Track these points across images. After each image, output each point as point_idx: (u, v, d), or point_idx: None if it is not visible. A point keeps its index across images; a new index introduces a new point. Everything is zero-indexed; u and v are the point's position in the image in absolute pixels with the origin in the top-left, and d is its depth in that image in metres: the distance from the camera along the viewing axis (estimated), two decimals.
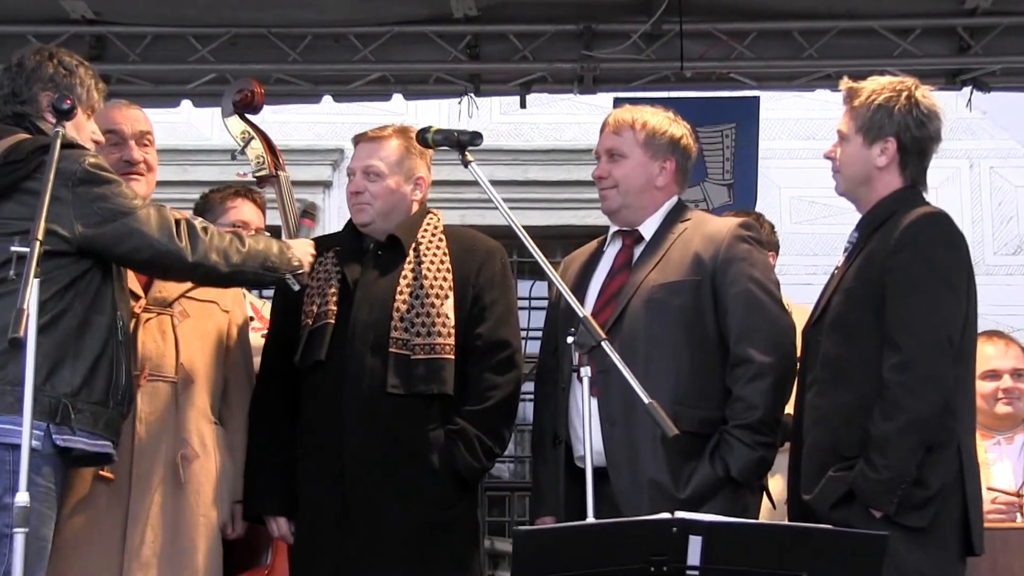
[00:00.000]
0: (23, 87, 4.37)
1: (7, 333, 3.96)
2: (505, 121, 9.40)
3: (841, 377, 4.15)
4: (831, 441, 4.12)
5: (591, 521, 3.75)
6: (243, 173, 5.65)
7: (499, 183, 9.49)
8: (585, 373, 4.02)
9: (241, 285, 4.58)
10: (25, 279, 3.64)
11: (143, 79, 6.92)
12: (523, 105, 7.17)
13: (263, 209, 5.64)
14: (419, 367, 4.54)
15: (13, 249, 3.83)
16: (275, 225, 5.56)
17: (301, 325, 4.66)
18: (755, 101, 7.33)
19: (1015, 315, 9.10)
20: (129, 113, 4.82)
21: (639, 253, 4.57)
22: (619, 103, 5.09)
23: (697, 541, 3.32)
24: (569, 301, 4.15)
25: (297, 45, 6.78)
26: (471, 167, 4.36)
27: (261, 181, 5.62)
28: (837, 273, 4.31)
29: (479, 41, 6.84)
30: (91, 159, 4.22)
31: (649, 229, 4.59)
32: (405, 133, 4.74)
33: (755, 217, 5.80)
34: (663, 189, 4.62)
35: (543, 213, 9.78)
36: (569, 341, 4.04)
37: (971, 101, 7.16)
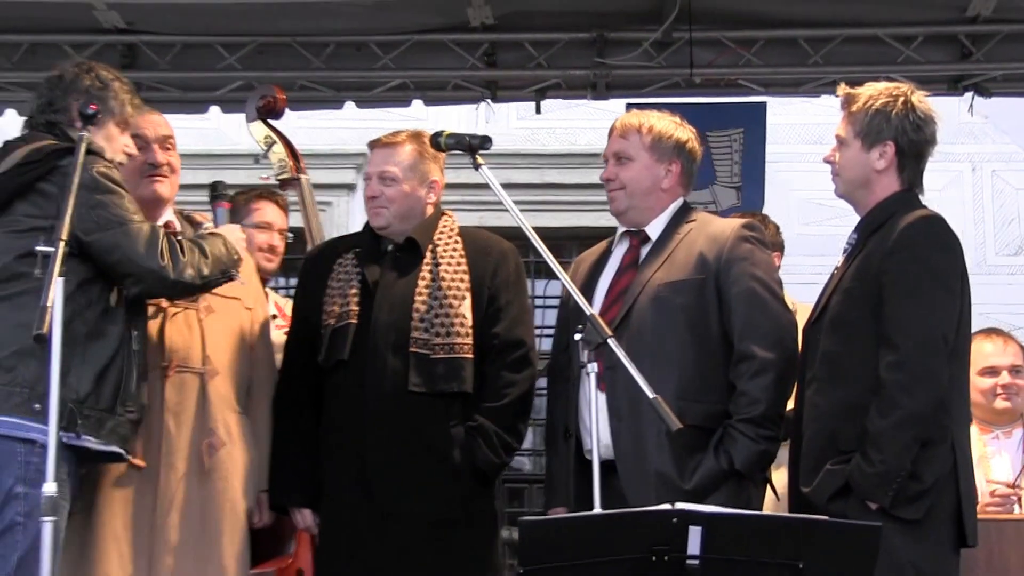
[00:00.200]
0: (59, 97, 4.40)
1: (24, 330, 3.97)
2: (521, 126, 9.40)
3: (839, 375, 4.15)
4: (829, 436, 4.12)
5: (595, 512, 3.74)
6: (266, 176, 5.68)
7: (516, 186, 9.61)
8: (592, 369, 4.03)
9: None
10: (48, 277, 3.64)
11: (173, 86, 6.93)
12: (538, 111, 7.15)
13: (285, 210, 5.67)
14: (439, 366, 4.55)
15: (38, 249, 3.84)
16: (298, 226, 5.59)
17: (323, 325, 4.66)
18: (762, 106, 7.32)
19: (1017, 313, 9.08)
20: (152, 119, 4.80)
21: (645, 253, 4.56)
22: (631, 108, 5.06)
23: (697, 531, 3.31)
24: (577, 300, 4.15)
25: (321, 53, 6.78)
26: (482, 170, 4.35)
27: (283, 184, 5.66)
28: (836, 273, 4.30)
29: (495, 49, 6.84)
30: (100, 168, 4.21)
31: (655, 230, 4.58)
32: (419, 138, 4.73)
33: (760, 218, 5.79)
34: (669, 191, 4.61)
35: (559, 215, 9.75)
36: (577, 338, 4.05)
37: (973, 106, 7.12)
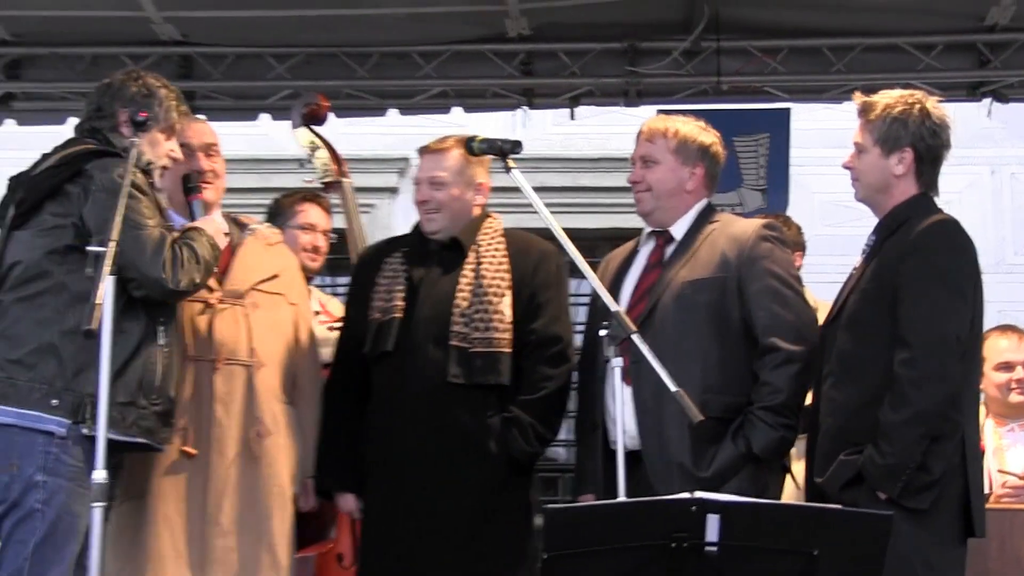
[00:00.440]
0: (107, 103, 4.39)
1: (43, 328, 4.04)
2: (556, 132, 9.39)
3: (854, 371, 4.13)
4: (843, 429, 4.10)
5: (616, 500, 3.74)
6: (310, 179, 5.70)
7: (551, 189, 9.63)
8: (617, 364, 4.04)
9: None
10: (99, 275, 3.65)
11: (226, 95, 6.95)
12: (572, 117, 7.17)
13: (329, 212, 5.67)
14: (478, 359, 4.54)
15: (89, 249, 3.85)
16: (340, 228, 5.60)
17: (370, 319, 4.67)
18: (787, 112, 7.28)
19: None
20: (196, 127, 4.81)
21: (670, 252, 4.54)
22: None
23: (715, 519, 3.29)
24: (604, 298, 4.14)
25: (365, 63, 6.79)
26: (513, 173, 4.36)
27: (327, 187, 5.68)
28: (855, 274, 4.28)
29: (531, 58, 6.83)
30: (120, 171, 4.14)
31: (680, 230, 4.56)
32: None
33: (784, 219, 5.77)
34: (693, 192, 4.59)
35: (593, 217, 9.74)
36: (602, 334, 4.04)
37: (991, 112, 7.08)
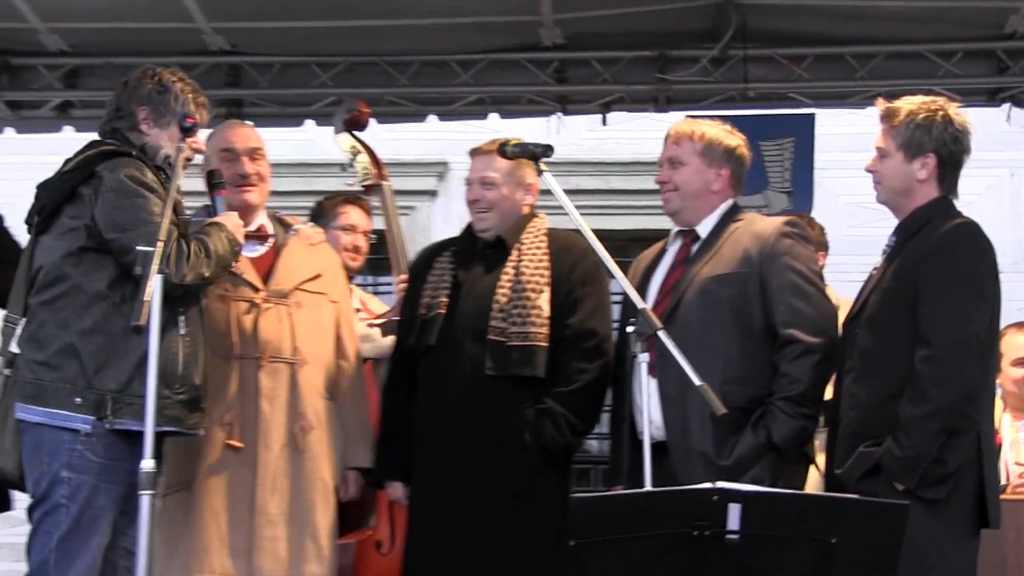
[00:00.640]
0: (124, 103, 4.33)
1: (64, 331, 4.02)
2: (589, 137, 9.37)
3: (875, 367, 4.11)
4: (863, 423, 4.09)
5: (640, 490, 3.73)
6: (352, 183, 5.71)
7: (584, 192, 9.63)
8: (643, 359, 4.05)
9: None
10: (147, 273, 3.67)
11: (272, 102, 6.97)
12: (604, 123, 7.15)
13: (369, 214, 5.69)
14: (514, 352, 4.55)
15: (138, 249, 3.87)
16: (380, 229, 5.61)
17: (418, 315, 4.70)
18: (811, 118, 7.26)
19: None
20: (241, 131, 4.83)
21: (695, 250, 4.53)
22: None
23: (736, 508, 3.28)
24: (630, 295, 4.14)
25: (405, 71, 6.80)
26: (544, 176, 4.38)
27: (367, 190, 5.68)
28: (876, 273, 4.26)
29: (565, 66, 6.83)
30: (128, 171, 4.13)
31: (705, 229, 4.55)
32: None
33: (807, 220, 5.75)
34: (719, 193, 4.57)
35: (623, 218, 9.74)
36: (629, 330, 4.04)
37: (1010, 117, 7.03)
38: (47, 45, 6.53)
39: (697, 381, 3.88)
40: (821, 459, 4.53)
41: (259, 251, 4.74)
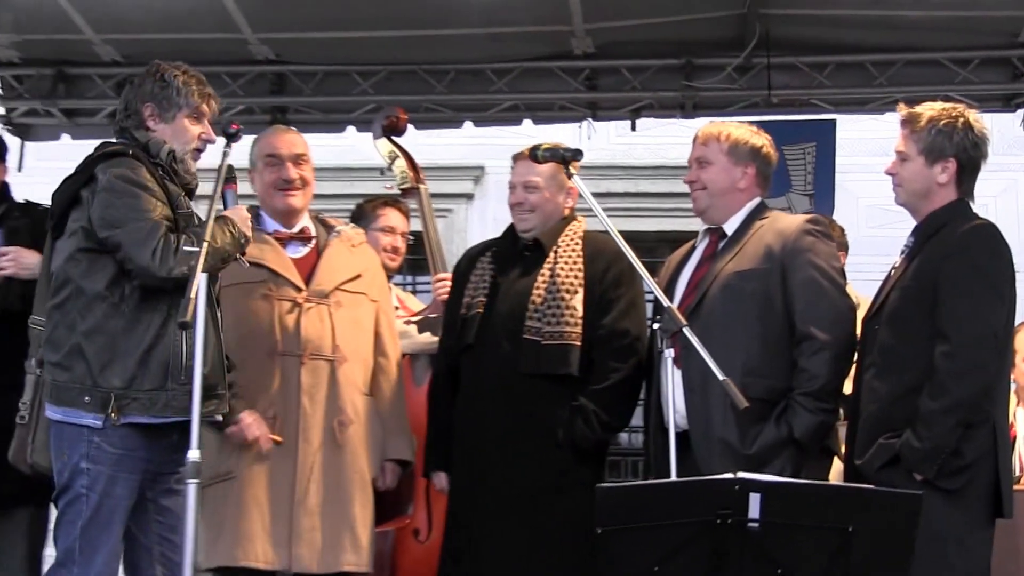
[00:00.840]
0: (131, 101, 4.23)
1: (71, 332, 3.99)
2: (619, 142, 9.33)
3: (895, 362, 4.11)
4: (883, 416, 4.09)
5: (664, 480, 3.74)
6: (390, 186, 5.72)
7: (614, 195, 9.64)
8: (668, 355, 4.05)
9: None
10: (193, 271, 3.69)
11: (315, 109, 6.99)
12: (634, 128, 7.13)
13: (407, 216, 5.70)
14: (547, 351, 4.55)
15: (185, 249, 3.89)
16: (417, 230, 5.62)
17: (459, 315, 4.71)
18: (832, 123, 7.23)
19: None
20: (286, 138, 4.84)
21: (721, 247, 4.53)
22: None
23: (757, 498, 3.30)
24: (656, 294, 4.14)
25: (442, 79, 6.80)
26: (574, 179, 4.38)
27: (405, 193, 5.69)
28: (895, 273, 4.25)
29: (595, 74, 6.81)
30: (119, 171, 4.05)
31: (732, 226, 4.54)
32: None
33: (828, 221, 5.72)
34: (745, 191, 4.56)
35: (651, 220, 9.72)
36: (655, 327, 4.05)
37: None
38: (101, 55, 6.57)
39: (720, 376, 3.88)
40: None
41: (302, 252, 4.76)
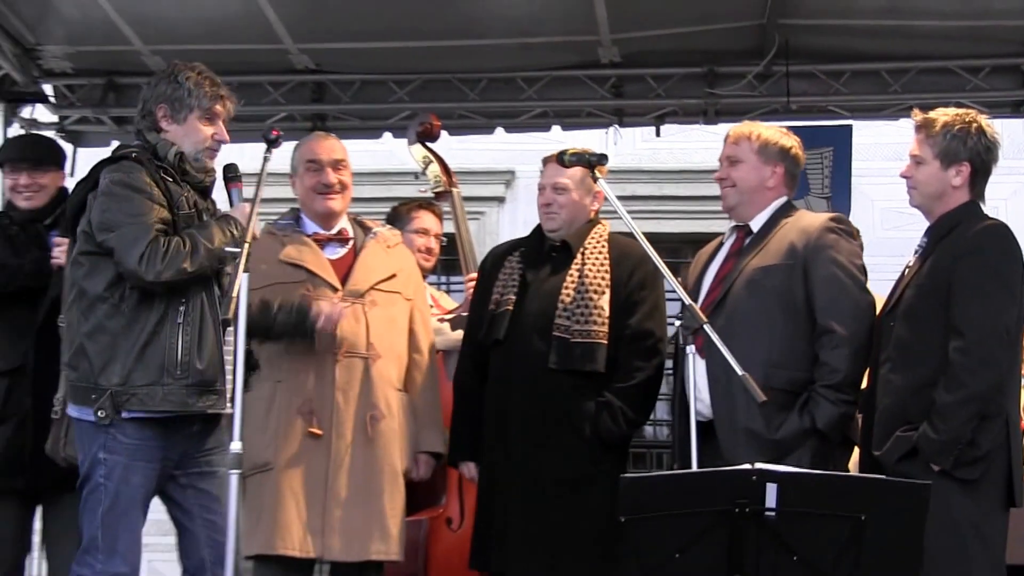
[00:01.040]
0: (147, 102, 4.19)
1: (75, 333, 4.00)
2: (644, 147, 9.31)
3: (910, 357, 4.10)
4: (900, 408, 4.08)
5: (685, 470, 3.74)
6: (424, 190, 5.74)
7: (639, 198, 9.63)
8: (690, 351, 4.05)
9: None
10: (236, 271, 3.71)
11: (353, 116, 7.00)
12: (658, 134, 7.12)
13: (440, 219, 5.72)
14: (576, 349, 4.56)
15: (227, 250, 3.91)
16: (450, 232, 5.64)
17: (488, 310, 4.71)
18: (849, 129, 7.21)
19: None
20: (325, 144, 4.84)
21: (747, 243, 4.53)
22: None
23: (773, 488, 3.30)
24: (679, 292, 4.15)
25: (475, 87, 6.81)
26: (600, 182, 4.39)
27: (438, 196, 5.71)
28: (909, 272, 4.25)
29: (622, 82, 6.80)
30: (116, 175, 4.02)
31: (758, 223, 4.54)
32: None
33: None
34: (773, 189, 4.56)
35: (676, 222, 9.73)
36: (676, 324, 4.06)
37: None
38: (149, 66, 6.60)
39: (739, 371, 3.89)
40: None
41: (340, 253, 4.78)
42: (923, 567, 3.51)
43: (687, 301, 4.06)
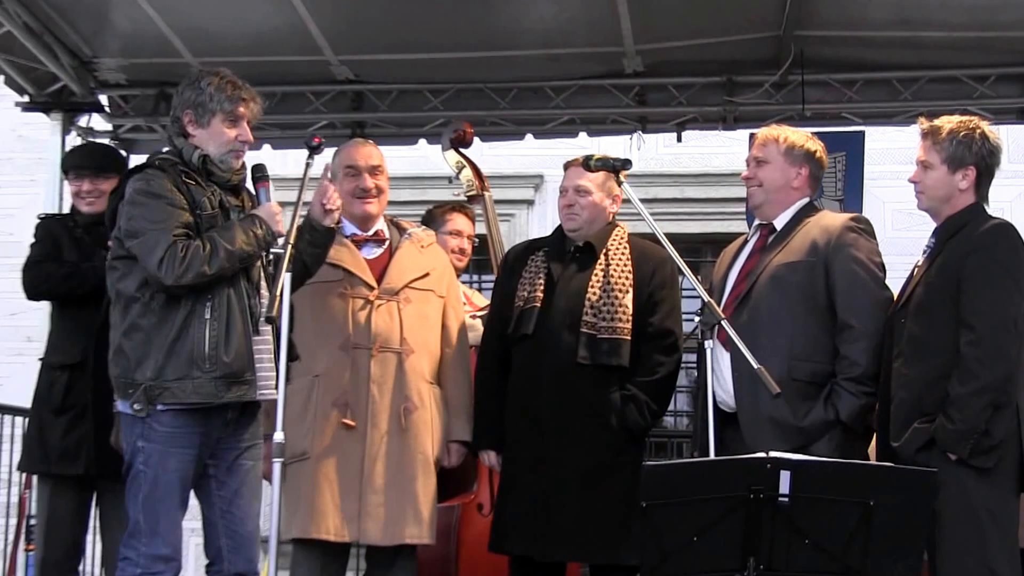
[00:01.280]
0: (175, 108, 4.17)
1: (111, 333, 4.03)
2: (666, 152, 9.28)
3: (923, 350, 4.10)
4: (915, 400, 4.08)
5: (703, 459, 3.76)
6: (457, 193, 5.76)
7: (661, 200, 9.60)
8: (709, 345, 4.06)
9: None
10: (279, 271, 3.73)
11: (390, 124, 7.00)
12: (679, 140, 7.11)
13: (473, 221, 5.73)
14: (603, 344, 4.57)
15: (272, 251, 3.93)
16: (482, 233, 5.66)
17: (515, 306, 4.71)
18: (861, 134, 7.21)
19: None
20: (363, 150, 4.84)
21: (771, 240, 4.53)
22: (754, 138, 5.04)
23: (786, 475, 3.32)
24: (698, 290, 4.17)
25: (505, 96, 6.81)
26: (624, 186, 4.40)
27: (471, 199, 5.73)
28: (918, 270, 4.25)
29: (645, 91, 6.79)
30: (138, 183, 4.02)
31: (781, 222, 4.54)
32: None
33: None
34: (798, 190, 4.56)
35: (696, 224, 9.68)
36: (696, 320, 4.07)
37: None
38: None
39: (755, 364, 3.90)
40: None
41: (376, 253, 4.79)
42: (942, 551, 3.53)
43: (706, 299, 4.07)
